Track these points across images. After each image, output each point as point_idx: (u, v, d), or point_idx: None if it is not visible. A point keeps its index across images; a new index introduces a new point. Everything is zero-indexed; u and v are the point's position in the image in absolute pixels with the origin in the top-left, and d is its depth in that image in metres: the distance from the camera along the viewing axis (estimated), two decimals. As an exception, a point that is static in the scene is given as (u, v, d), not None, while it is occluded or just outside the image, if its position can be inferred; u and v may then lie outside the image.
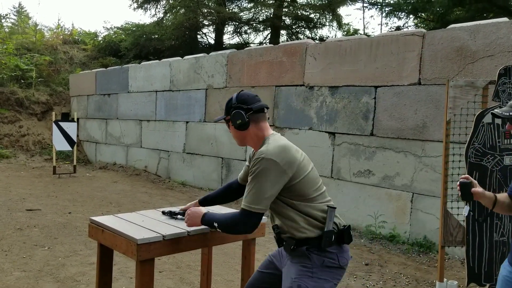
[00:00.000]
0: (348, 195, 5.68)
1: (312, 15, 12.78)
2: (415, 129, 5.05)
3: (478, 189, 1.89)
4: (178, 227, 2.60)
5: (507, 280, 1.85)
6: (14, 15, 20.67)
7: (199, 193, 7.52)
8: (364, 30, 14.19)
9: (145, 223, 2.67)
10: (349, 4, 12.46)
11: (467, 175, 1.93)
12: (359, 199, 5.56)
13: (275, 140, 2.03)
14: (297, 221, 1.97)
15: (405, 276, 4.13)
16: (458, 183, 1.93)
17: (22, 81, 12.19)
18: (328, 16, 12.72)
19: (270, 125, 6.39)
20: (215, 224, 2.11)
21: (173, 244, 2.51)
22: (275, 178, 1.90)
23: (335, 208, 2.00)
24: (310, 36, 13.07)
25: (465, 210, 2.02)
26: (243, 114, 2.07)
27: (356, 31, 13.93)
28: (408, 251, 4.82)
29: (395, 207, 5.21)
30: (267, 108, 2.21)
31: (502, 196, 1.97)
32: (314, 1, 12.85)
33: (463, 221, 3.44)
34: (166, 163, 8.75)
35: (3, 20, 13.51)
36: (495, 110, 1.89)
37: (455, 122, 3.57)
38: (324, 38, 12.77)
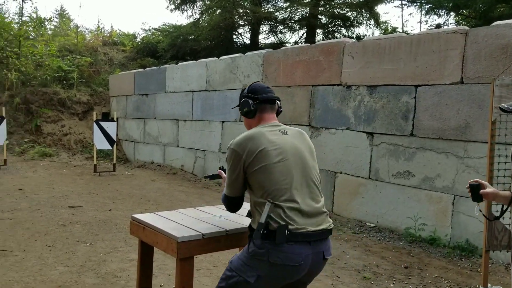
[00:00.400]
0: (386, 197, 5.57)
1: (348, 14, 12.61)
2: (457, 129, 4.89)
3: (488, 190, 2.01)
4: (217, 226, 2.62)
5: None
6: (56, 17, 21.41)
7: (235, 192, 7.55)
8: (402, 28, 13.92)
9: (184, 221, 2.70)
10: (387, 1, 12.26)
11: (477, 179, 2.06)
12: (398, 200, 5.44)
13: (251, 130, 2.16)
14: (254, 213, 2.09)
15: (446, 280, 4.02)
16: (467, 185, 2.07)
17: (65, 82, 12.61)
18: (365, 14, 12.52)
19: (306, 125, 6.40)
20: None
21: (212, 243, 2.53)
22: (234, 165, 2.10)
23: (275, 204, 1.97)
24: (346, 35, 12.90)
25: (476, 210, 2.21)
26: (249, 102, 2.24)
27: (394, 29, 13.66)
28: (449, 255, 4.68)
29: (436, 210, 5.07)
30: (278, 100, 2.32)
31: None
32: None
33: (509, 224, 3.31)
34: (202, 162, 8.84)
35: (46, 23, 13.97)
36: (502, 104, 1.89)
37: (501, 122, 3.44)
38: (362, 37, 12.58)
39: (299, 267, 1.98)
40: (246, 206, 2.35)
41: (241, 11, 12.63)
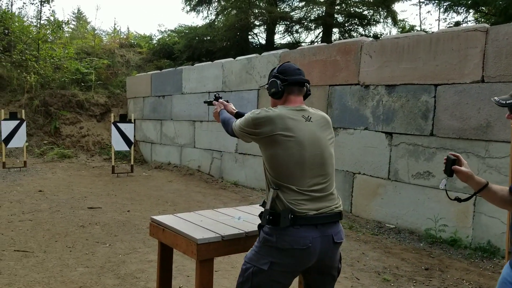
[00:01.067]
0: (406, 197, 5.50)
1: (365, 12, 12.50)
2: (478, 129, 4.80)
3: (463, 168, 1.88)
4: (236, 227, 2.61)
5: (503, 282, 1.76)
6: (74, 20, 21.69)
7: (252, 193, 7.55)
8: (420, 26, 13.71)
9: (203, 223, 2.70)
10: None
11: (458, 154, 1.92)
12: (418, 201, 5.36)
13: (273, 110, 2.14)
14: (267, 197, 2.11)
15: (467, 282, 3.95)
16: (445, 157, 1.95)
17: (83, 84, 12.76)
18: (382, 12, 12.39)
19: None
20: (220, 119, 2.60)
21: (232, 245, 2.52)
22: (247, 131, 2.17)
23: (280, 189, 2.02)
24: (363, 33, 12.78)
25: (441, 183, 2.06)
26: (277, 83, 2.21)
27: (412, 28, 13.49)
28: (471, 256, 4.60)
29: (457, 210, 4.98)
30: (307, 82, 2.29)
31: (500, 187, 1.89)
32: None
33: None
34: (219, 163, 8.86)
35: (64, 26, 14.15)
36: (495, 97, 1.83)
37: (525, 121, 3.36)
38: (379, 36, 12.46)
39: (308, 251, 2.00)
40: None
41: (256, 11, 12.62)
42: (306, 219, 1.99)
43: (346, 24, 13.06)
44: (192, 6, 14.25)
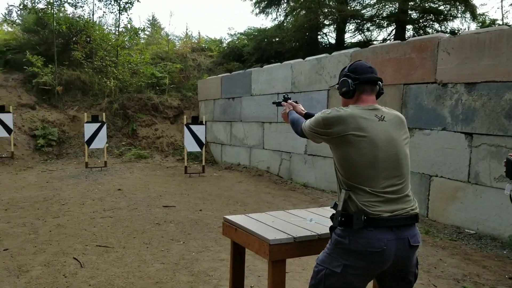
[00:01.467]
0: (488, 202, 5.15)
1: (441, 7, 11.91)
2: None
3: None
4: (308, 229, 2.58)
5: None
6: (149, 27, 22.74)
7: (322, 195, 7.47)
8: (502, 20, 12.86)
9: (275, 224, 2.70)
10: (485, -8, 11.38)
11: None
12: (501, 206, 5.01)
13: (344, 109, 2.08)
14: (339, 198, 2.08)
15: (561, 296, 3.62)
16: (505, 159, 1.79)
17: (157, 87, 13.33)
18: (460, 7, 11.73)
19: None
20: (289, 120, 2.64)
21: (304, 247, 2.50)
22: (316, 131, 2.15)
23: (352, 190, 1.98)
24: (439, 30, 12.19)
25: (506, 188, 1.88)
26: (349, 82, 2.15)
27: (493, 22, 12.66)
28: None
29: (547, 217, 4.59)
30: (380, 81, 2.20)
31: None
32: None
33: None
34: (288, 164, 8.85)
35: (140, 33, 14.89)
36: None
37: None
38: (456, 31, 11.82)
39: (383, 254, 1.93)
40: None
41: (326, 10, 12.48)
42: (380, 221, 1.94)
43: (420, 20, 12.53)
44: (261, 8, 14.39)
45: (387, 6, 12.23)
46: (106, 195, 7.05)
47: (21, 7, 13.38)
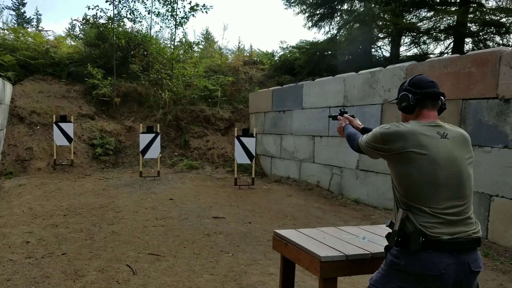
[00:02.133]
0: (555, 226, 4.81)
1: (503, 20, 11.39)
2: None
3: None
4: (361, 247, 2.52)
5: None
6: (202, 41, 23.32)
7: (374, 212, 7.27)
8: None
9: (326, 241, 2.65)
10: (552, 3, 10.78)
11: None
12: None
13: (405, 125, 2.03)
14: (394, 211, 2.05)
15: None
16: None
17: (209, 100, 13.59)
18: (523, 19, 11.19)
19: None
20: (345, 134, 2.60)
21: (356, 265, 2.44)
22: (374, 147, 2.10)
23: (410, 210, 1.91)
24: (500, 43, 11.66)
25: None
26: (409, 97, 2.10)
27: (560, 34, 11.96)
28: None
29: None
30: (442, 96, 2.12)
31: None
32: (506, 4, 11.43)
33: None
34: (339, 179, 8.70)
35: (194, 47, 15.29)
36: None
37: None
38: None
39: (441, 278, 1.85)
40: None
41: (380, 23, 12.27)
42: (440, 244, 1.86)
43: (480, 33, 12.03)
44: (314, 22, 14.39)
45: (444, 19, 11.85)
46: (158, 204, 7.22)
47: (83, 22, 14.13)
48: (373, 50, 13.83)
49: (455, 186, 1.92)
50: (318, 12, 14.30)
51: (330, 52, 13.31)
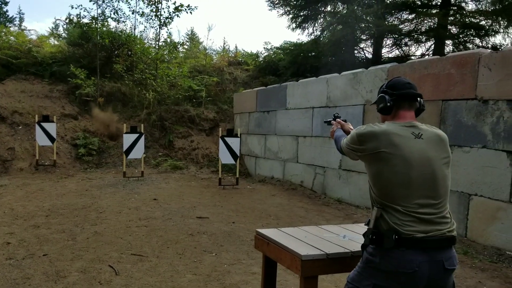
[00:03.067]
0: (531, 224, 4.94)
1: (483, 22, 11.63)
2: None
3: None
4: (342, 246, 2.56)
5: None
6: (187, 41, 23.24)
7: (356, 211, 7.36)
8: (548, 35, 12.40)
9: (308, 239, 2.69)
10: (530, 6, 11.02)
11: None
12: (545, 229, 4.80)
13: (379, 126, 2.07)
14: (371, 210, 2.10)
15: None
16: None
17: (194, 100, 13.57)
18: (502, 22, 11.42)
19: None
20: (334, 137, 2.70)
21: (336, 264, 2.48)
22: (352, 147, 2.16)
23: (384, 209, 1.96)
24: (480, 45, 11.89)
25: None
26: (385, 98, 2.15)
27: (537, 37, 12.25)
28: None
29: None
30: (420, 97, 2.17)
31: None
32: (485, 7, 11.66)
33: None
34: (322, 179, 8.78)
35: (179, 47, 15.25)
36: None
37: None
38: (498, 47, 11.50)
39: (415, 275, 1.89)
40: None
41: (363, 25, 12.41)
42: (413, 242, 1.89)
43: (460, 36, 12.26)
44: (298, 23, 14.48)
45: (425, 21, 12.05)
46: (142, 205, 7.19)
47: (67, 21, 13.99)
48: (355, 51, 13.97)
49: (428, 186, 1.96)
50: (301, 13, 14.39)
51: (313, 53, 13.40)
